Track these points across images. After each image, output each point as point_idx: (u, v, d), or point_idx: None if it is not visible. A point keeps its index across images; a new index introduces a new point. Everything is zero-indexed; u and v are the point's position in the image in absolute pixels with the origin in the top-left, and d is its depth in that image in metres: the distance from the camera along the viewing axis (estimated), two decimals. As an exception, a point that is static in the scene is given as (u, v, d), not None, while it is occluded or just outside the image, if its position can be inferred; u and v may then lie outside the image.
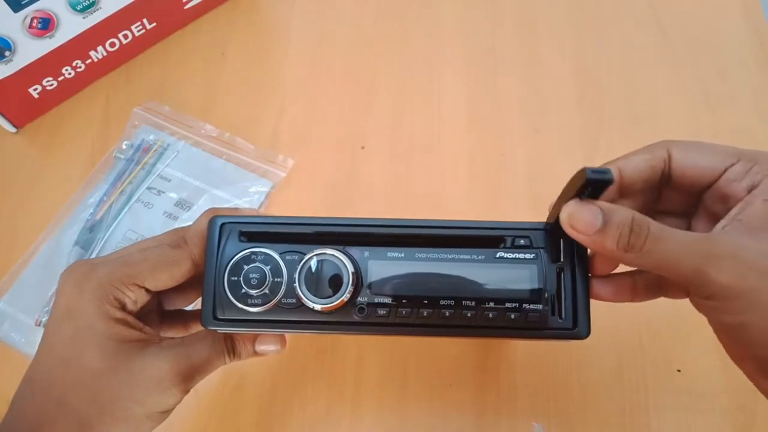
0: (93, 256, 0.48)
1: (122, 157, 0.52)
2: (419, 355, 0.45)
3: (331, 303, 0.30)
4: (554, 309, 0.30)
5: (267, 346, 0.35)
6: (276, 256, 0.31)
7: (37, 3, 0.47)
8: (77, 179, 0.52)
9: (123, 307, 0.31)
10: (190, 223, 0.49)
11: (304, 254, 0.31)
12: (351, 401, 0.44)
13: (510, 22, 0.58)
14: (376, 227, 0.32)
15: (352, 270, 0.30)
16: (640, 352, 0.44)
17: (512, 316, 0.30)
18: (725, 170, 0.29)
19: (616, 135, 0.52)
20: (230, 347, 0.34)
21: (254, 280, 0.31)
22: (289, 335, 0.37)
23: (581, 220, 0.27)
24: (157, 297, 0.35)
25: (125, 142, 0.53)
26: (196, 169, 0.52)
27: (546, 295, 0.30)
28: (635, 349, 0.44)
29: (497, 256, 0.31)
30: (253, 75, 0.57)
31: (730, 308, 0.25)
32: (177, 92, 0.56)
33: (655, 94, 0.54)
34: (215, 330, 0.32)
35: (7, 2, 0.46)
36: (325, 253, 0.31)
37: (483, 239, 0.31)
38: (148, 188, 0.51)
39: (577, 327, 0.30)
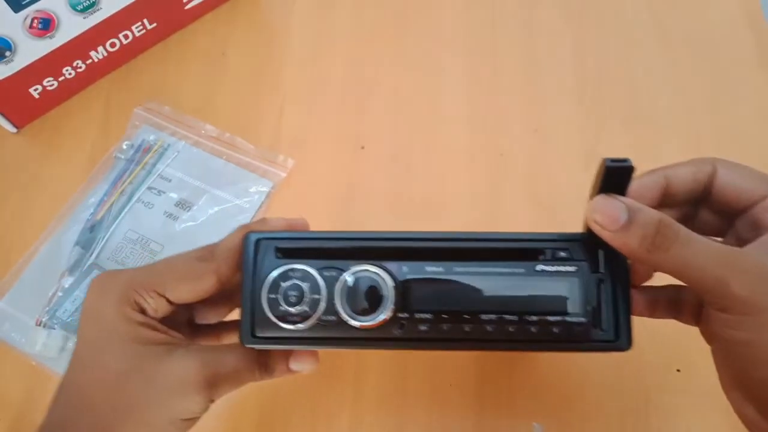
0: (93, 256, 0.48)
1: (122, 157, 0.52)
2: (419, 356, 0.45)
3: (373, 321, 0.30)
4: (596, 321, 0.30)
5: (302, 365, 0.33)
6: (314, 272, 0.30)
7: (38, 3, 0.47)
8: (78, 179, 0.52)
9: (143, 312, 0.31)
10: (192, 222, 0.50)
11: (343, 270, 0.30)
12: (351, 401, 0.44)
13: (510, 21, 0.58)
14: (413, 241, 0.31)
15: (392, 285, 0.30)
16: (639, 352, 0.44)
17: (555, 330, 0.30)
18: (764, 198, 0.29)
19: (616, 135, 0.53)
20: (263, 363, 0.32)
21: (293, 297, 0.30)
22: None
23: (605, 215, 0.27)
24: (189, 310, 0.35)
25: (125, 143, 0.53)
26: (196, 170, 0.52)
27: (588, 308, 0.30)
28: (634, 349, 0.44)
29: (537, 269, 0.30)
30: (254, 75, 0.57)
31: (743, 324, 0.25)
32: (177, 92, 0.56)
33: (655, 94, 0.54)
34: (253, 347, 0.31)
35: (7, 2, 0.46)
36: (364, 270, 0.30)
37: (521, 252, 0.31)
38: (149, 188, 0.51)
39: (618, 338, 0.30)
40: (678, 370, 0.43)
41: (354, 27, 0.59)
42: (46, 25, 0.49)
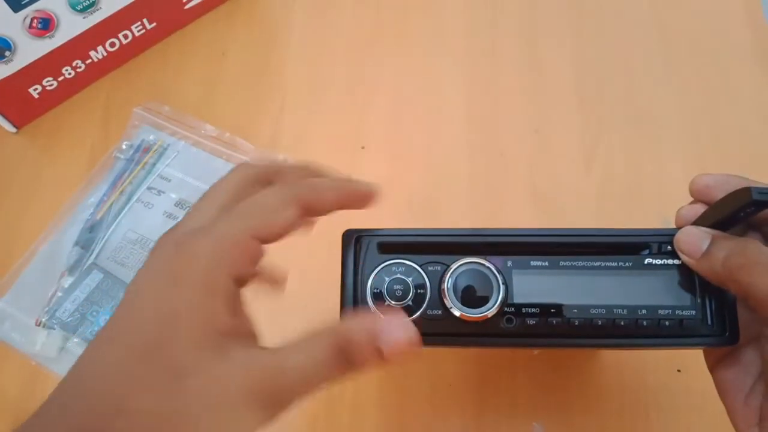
0: (93, 256, 0.48)
1: (122, 157, 0.52)
2: (419, 356, 0.45)
3: (482, 313, 0.30)
4: (704, 314, 0.30)
5: (399, 342, 0.24)
6: (417, 267, 0.31)
7: (37, 3, 0.47)
8: (77, 179, 0.52)
9: (237, 280, 0.24)
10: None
11: (448, 264, 0.30)
12: (351, 400, 0.44)
13: (510, 21, 0.58)
14: (516, 236, 0.31)
15: (501, 279, 0.30)
16: (639, 352, 0.44)
17: (666, 324, 0.29)
18: None
19: (616, 135, 0.52)
20: (343, 356, 0.24)
21: (398, 291, 0.30)
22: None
23: (688, 244, 0.28)
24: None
25: (125, 143, 0.53)
26: (196, 170, 0.52)
27: (698, 301, 0.30)
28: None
29: (646, 262, 0.30)
30: (253, 75, 0.57)
31: None
32: (177, 92, 0.56)
33: (655, 94, 0.54)
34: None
35: (7, 2, 0.46)
36: (472, 262, 0.30)
37: (626, 246, 0.31)
38: (149, 188, 0.51)
39: (726, 332, 0.30)
40: (678, 371, 0.43)
41: (354, 27, 0.59)
42: (45, 24, 0.49)
